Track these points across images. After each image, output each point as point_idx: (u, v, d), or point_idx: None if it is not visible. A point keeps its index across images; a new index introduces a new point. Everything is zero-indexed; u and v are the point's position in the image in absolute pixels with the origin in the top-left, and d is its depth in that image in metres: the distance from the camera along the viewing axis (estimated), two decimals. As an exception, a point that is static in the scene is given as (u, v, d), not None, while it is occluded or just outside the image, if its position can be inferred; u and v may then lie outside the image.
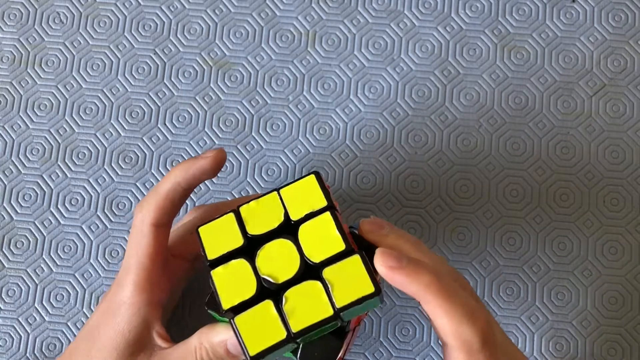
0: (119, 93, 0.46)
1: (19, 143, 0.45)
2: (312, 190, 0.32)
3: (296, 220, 0.32)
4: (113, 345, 0.35)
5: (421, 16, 0.46)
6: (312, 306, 0.30)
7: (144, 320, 0.36)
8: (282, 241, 0.31)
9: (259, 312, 0.30)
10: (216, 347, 0.34)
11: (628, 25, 0.46)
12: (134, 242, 0.36)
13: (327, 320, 0.29)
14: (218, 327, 0.34)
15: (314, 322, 0.29)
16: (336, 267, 0.30)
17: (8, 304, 0.43)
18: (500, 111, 0.45)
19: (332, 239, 0.31)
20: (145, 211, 0.35)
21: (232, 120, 0.45)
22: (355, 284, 0.30)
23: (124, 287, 0.36)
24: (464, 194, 0.44)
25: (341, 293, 0.30)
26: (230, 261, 0.31)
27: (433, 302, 0.29)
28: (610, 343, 0.42)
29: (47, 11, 0.47)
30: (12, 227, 0.44)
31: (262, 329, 0.30)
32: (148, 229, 0.35)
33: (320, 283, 0.30)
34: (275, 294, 0.30)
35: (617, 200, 0.44)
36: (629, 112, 0.45)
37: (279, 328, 0.30)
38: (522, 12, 0.46)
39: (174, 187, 0.35)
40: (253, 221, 0.32)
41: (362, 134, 0.45)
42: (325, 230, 0.31)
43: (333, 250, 0.31)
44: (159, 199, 0.35)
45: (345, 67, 0.46)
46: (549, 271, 0.43)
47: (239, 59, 0.46)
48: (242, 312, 0.30)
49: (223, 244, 0.32)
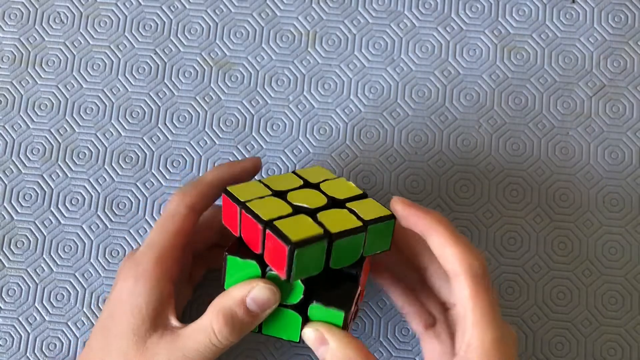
0: (120, 93, 0.46)
1: (20, 143, 0.45)
2: (322, 171, 0.38)
3: (314, 183, 0.36)
4: (130, 326, 0.35)
5: (421, 16, 0.46)
6: (343, 220, 0.33)
7: (161, 295, 0.35)
8: (307, 190, 0.35)
9: (296, 219, 0.33)
10: (235, 309, 0.34)
11: (628, 26, 0.46)
12: (164, 220, 0.37)
13: (358, 229, 0.33)
14: (231, 290, 0.34)
15: (348, 228, 0.33)
16: (356, 203, 0.35)
17: (8, 303, 0.43)
18: (500, 111, 0.45)
19: (349, 189, 0.36)
20: (186, 194, 0.37)
21: (232, 120, 0.45)
22: (374, 211, 0.34)
23: (143, 262, 0.36)
24: (464, 194, 0.44)
25: (365, 214, 0.34)
26: (264, 197, 0.34)
27: (443, 234, 0.33)
28: (610, 343, 0.42)
29: (47, 11, 0.47)
30: (12, 227, 0.44)
31: (299, 228, 0.32)
32: (184, 209, 0.36)
33: (346, 209, 0.34)
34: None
35: (617, 201, 0.44)
36: (629, 113, 0.45)
37: (316, 227, 0.32)
38: (522, 13, 0.46)
39: (217, 179, 0.37)
40: (276, 185, 0.36)
41: (362, 134, 0.45)
42: (342, 185, 0.36)
43: (351, 193, 0.35)
44: (202, 186, 0.37)
45: (346, 67, 0.46)
46: (549, 271, 0.43)
47: (239, 59, 0.46)
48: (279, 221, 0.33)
49: (252, 194, 0.35)
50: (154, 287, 0.35)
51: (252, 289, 0.34)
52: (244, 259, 0.34)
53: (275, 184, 0.36)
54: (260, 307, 0.34)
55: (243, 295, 0.34)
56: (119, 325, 0.35)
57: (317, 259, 0.33)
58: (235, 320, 0.34)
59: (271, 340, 0.42)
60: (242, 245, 0.35)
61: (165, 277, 0.36)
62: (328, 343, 0.33)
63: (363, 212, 0.34)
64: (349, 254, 0.34)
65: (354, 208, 0.34)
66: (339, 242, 0.32)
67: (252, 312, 0.34)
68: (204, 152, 0.45)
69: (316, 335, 0.34)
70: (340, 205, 0.35)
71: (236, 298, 0.34)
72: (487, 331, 0.32)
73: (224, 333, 0.34)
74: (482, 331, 0.32)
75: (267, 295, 0.34)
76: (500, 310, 0.34)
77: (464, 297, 0.33)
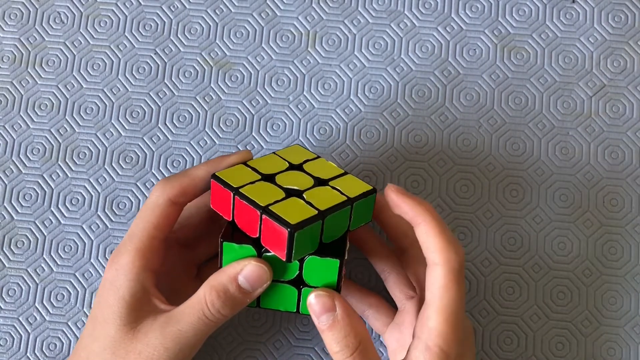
0: (120, 93, 0.46)
1: (20, 143, 0.45)
2: (301, 151, 0.39)
3: (297, 164, 0.37)
4: (115, 313, 0.35)
5: (421, 16, 0.46)
6: (330, 197, 0.35)
7: (142, 287, 0.36)
8: (293, 172, 0.37)
9: (289, 202, 0.34)
10: (227, 285, 0.35)
11: (628, 26, 0.46)
12: (144, 212, 0.37)
13: (344, 203, 0.35)
14: (226, 268, 0.35)
15: (336, 204, 0.34)
16: (339, 180, 0.37)
17: (8, 303, 0.43)
18: (500, 111, 0.45)
19: (330, 168, 0.38)
20: (168, 186, 0.37)
21: (233, 120, 0.45)
22: (357, 187, 0.36)
23: (124, 253, 0.36)
24: (464, 194, 0.44)
25: (349, 191, 0.36)
26: (255, 182, 0.36)
27: (430, 224, 0.35)
28: (610, 343, 0.42)
29: (47, 11, 0.47)
30: (12, 227, 0.44)
31: (294, 211, 0.33)
32: (164, 201, 0.37)
33: (330, 187, 0.36)
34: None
35: (617, 201, 0.44)
36: (629, 113, 0.45)
37: (310, 209, 0.34)
38: (522, 13, 0.46)
39: (202, 174, 0.37)
40: (263, 169, 0.37)
41: (362, 134, 0.45)
42: (323, 165, 0.38)
43: (334, 173, 0.37)
44: (184, 180, 0.37)
45: (346, 67, 0.46)
46: (548, 271, 0.43)
47: (239, 59, 0.46)
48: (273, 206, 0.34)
49: (242, 179, 0.36)
50: (134, 279, 0.36)
51: (244, 267, 0.35)
52: (239, 244, 0.35)
53: (261, 167, 0.37)
54: (252, 285, 0.35)
55: (236, 273, 0.35)
56: (105, 312, 0.36)
57: (313, 238, 0.34)
58: (228, 295, 0.35)
59: (271, 340, 0.42)
60: (236, 229, 0.36)
61: (145, 268, 0.36)
62: (331, 310, 0.34)
63: (347, 189, 0.36)
64: (337, 229, 0.35)
65: (337, 186, 0.36)
66: (329, 218, 0.34)
67: (243, 289, 0.35)
68: (204, 152, 0.45)
69: (321, 301, 0.35)
70: (324, 184, 0.36)
71: (230, 275, 0.35)
72: (450, 321, 0.34)
73: (216, 306, 0.35)
74: (445, 320, 0.34)
75: (258, 273, 0.35)
76: (465, 304, 0.37)
77: (436, 287, 0.34)
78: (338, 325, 0.34)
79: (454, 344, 0.34)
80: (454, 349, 0.34)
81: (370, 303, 0.41)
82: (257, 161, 0.38)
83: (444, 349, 0.33)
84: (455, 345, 0.34)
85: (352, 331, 0.34)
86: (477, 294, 0.43)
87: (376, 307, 0.40)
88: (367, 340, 0.35)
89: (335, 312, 0.34)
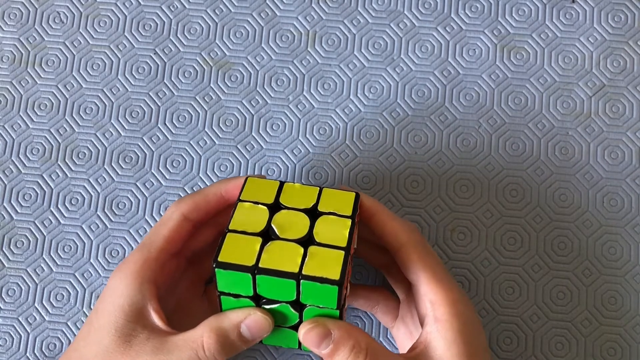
0: (119, 93, 0.46)
1: (19, 143, 0.45)
2: (346, 201, 0.36)
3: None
4: (112, 322, 0.35)
5: (421, 16, 0.46)
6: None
7: (143, 298, 0.36)
8: (280, 213, 0.36)
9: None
10: (228, 332, 0.34)
11: (628, 26, 0.46)
12: (157, 226, 0.38)
13: (290, 275, 0.33)
14: (228, 313, 0.35)
15: (277, 270, 0.33)
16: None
17: (8, 303, 0.43)
18: (500, 111, 0.45)
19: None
20: (182, 203, 0.38)
21: (232, 120, 0.45)
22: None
23: (130, 262, 0.36)
24: (464, 194, 0.44)
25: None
26: (258, 205, 0.36)
27: (381, 214, 0.37)
28: (610, 343, 0.42)
29: (47, 11, 0.47)
30: (12, 227, 0.44)
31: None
32: (177, 216, 0.38)
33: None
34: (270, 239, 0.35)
35: (617, 201, 0.44)
36: (629, 113, 0.45)
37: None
38: (522, 13, 0.46)
39: (215, 193, 0.38)
40: (288, 197, 0.36)
41: (362, 134, 0.45)
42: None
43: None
44: (198, 197, 0.38)
45: (345, 67, 0.46)
46: (548, 271, 0.43)
47: (239, 59, 0.46)
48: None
49: (257, 196, 0.36)
50: (136, 289, 0.36)
51: (247, 315, 0.34)
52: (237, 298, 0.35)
53: (287, 195, 0.36)
54: (253, 335, 0.35)
55: (239, 320, 0.34)
56: (101, 319, 0.36)
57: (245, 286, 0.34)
58: (227, 341, 0.34)
59: (271, 340, 0.42)
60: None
61: (150, 280, 0.36)
62: (327, 336, 0.34)
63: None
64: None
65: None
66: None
67: (244, 338, 0.35)
68: (203, 152, 0.45)
69: (316, 332, 0.34)
70: (316, 214, 0.36)
71: (232, 321, 0.34)
72: (438, 278, 0.36)
73: (212, 350, 0.34)
74: (441, 285, 0.35)
75: (262, 324, 0.34)
76: (446, 268, 0.38)
77: (413, 262, 0.36)
78: (340, 346, 0.34)
79: (451, 292, 0.35)
80: (456, 293, 0.36)
81: (377, 299, 0.41)
82: (292, 187, 0.37)
83: (448, 302, 0.35)
84: (456, 292, 0.36)
85: (355, 343, 0.34)
86: (477, 294, 0.43)
87: (383, 302, 0.41)
88: (372, 343, 0.34)
89: (332, 335, 0.34)
